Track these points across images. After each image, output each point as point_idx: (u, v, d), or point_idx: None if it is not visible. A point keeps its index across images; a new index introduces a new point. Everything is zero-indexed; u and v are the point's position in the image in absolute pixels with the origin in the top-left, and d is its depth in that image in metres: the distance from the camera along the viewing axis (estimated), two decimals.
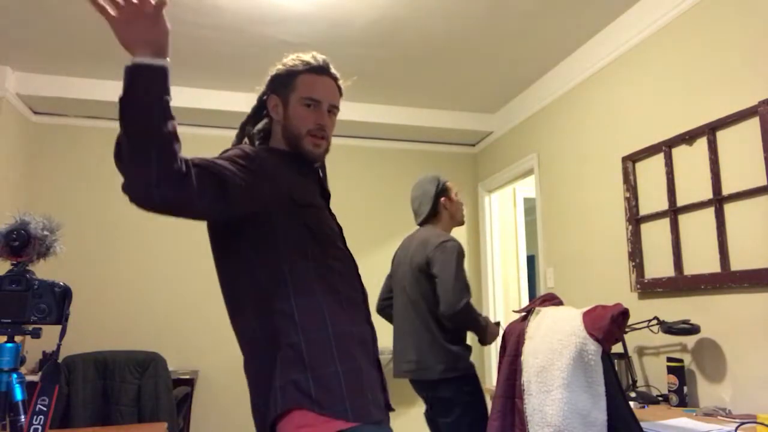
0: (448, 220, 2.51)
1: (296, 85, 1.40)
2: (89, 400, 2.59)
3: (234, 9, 2.91)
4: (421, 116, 4.32)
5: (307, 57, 1.44)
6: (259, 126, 1.49)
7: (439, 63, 3.54)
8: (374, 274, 4.32)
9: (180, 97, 3.87)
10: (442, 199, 2.50)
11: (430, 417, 2.42)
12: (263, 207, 1.21)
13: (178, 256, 4.05)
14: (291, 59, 1.44)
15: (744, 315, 2.22)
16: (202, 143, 4.24)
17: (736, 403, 2.22)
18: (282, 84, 1.41)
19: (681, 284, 2.50)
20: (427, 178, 2.54)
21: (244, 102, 3.98)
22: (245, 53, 3.39)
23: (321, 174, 1.47)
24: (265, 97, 1.45)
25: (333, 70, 1.48)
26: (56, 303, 1.36)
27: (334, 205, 4.39)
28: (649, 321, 2.56)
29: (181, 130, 4.50)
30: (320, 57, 1.45)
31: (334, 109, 1.46)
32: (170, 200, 1.00)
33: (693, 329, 2.34)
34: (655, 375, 2.67)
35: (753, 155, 2.22)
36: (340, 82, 1.51)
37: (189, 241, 4.08)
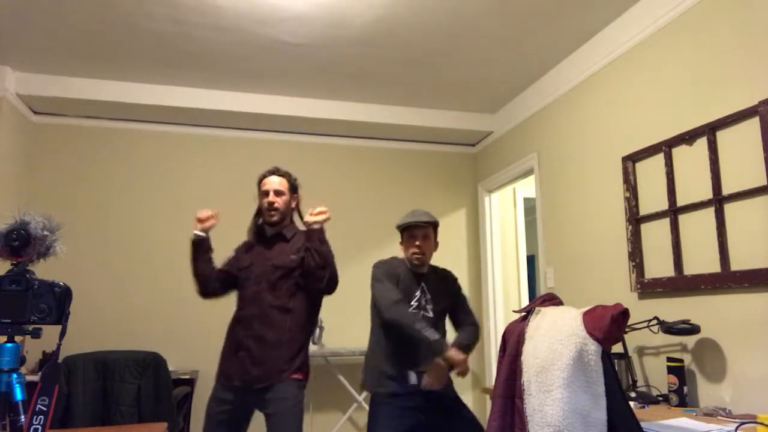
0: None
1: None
2: (89, 400, 2.58)
3: (234, 9, 2.91)
4: (421, 116, 4.32)
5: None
6: None
7: (439, 63, 3.54)
8: None
9: (180, 97, 3.87)
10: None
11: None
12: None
13: (179, 257, 4.05)
14: None
15: (744, 315, 2.22)
16: (201, 143, 4.24)
17: (736, 403, 2.22)
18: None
19: (681, 284, 2.50)
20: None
21: (243, 102, 3.98)
22: (245, 53, 3.39)
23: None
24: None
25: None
26: (56, 303, 1.36)
27: (335, 205, 4.40)
28: (649, 321, 2.56)
29: (181, 130, 4.54)
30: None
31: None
32: None
33: (693, 329, 2.34)
34: (655, 375, 2.67)
35: (753, 155, 2.22)
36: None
37: (188, 241, 4.08)
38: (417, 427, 2.32)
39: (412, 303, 2.42)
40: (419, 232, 2.48)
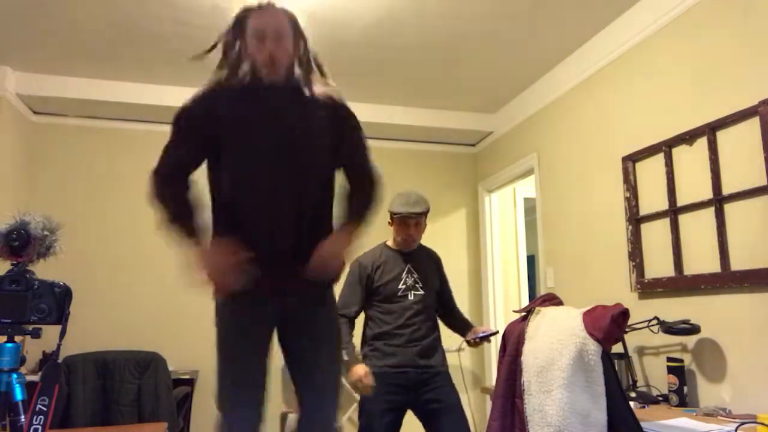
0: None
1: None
2: (89, 400, 2.58)
3: (235, 9, 2.90)
4: (421, 116, 4.32)
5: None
6: None
7: (439, 63, 3.54)
8: None
9: (180, 97, 3.87)
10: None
11: None
12: None
13: (179, 257, 4.05)
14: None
15: (744, 315, 2.22)
16: None
17: (736, 403, 2.22)
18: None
19: (681, 284, 2.50)
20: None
21: None
22: None
23: None
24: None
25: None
26: (56, 303, 1.36)
27: None
28: (649, 321, 2.56)
29: None
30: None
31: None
32: None
33: (693, 329, 2.34)
34: (655, 375, 2.67)
35: (753, 155, 2.22)
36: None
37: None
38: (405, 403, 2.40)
39: (400, 287, 2.48)
40: (412, 221, 2.52)
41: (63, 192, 3.95)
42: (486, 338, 2.48)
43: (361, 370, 2.31)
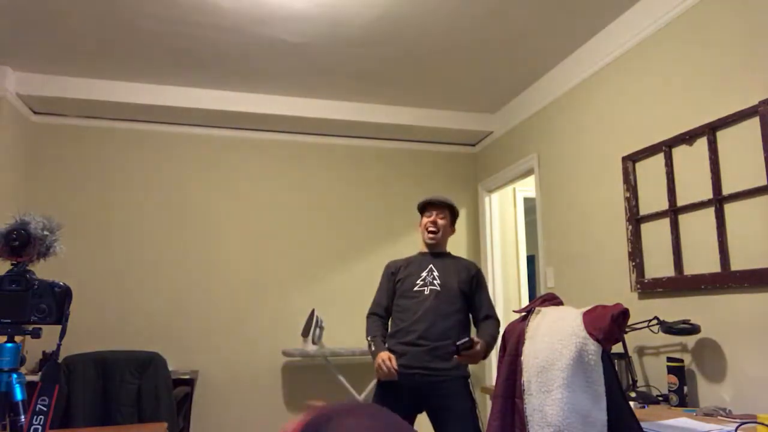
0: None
1: None
2: (89, 400, 2.58)
3: (234, 9, 2.91)
4: (421, 116, 4.32)
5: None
6: None
7: (439, 63, 3.54)
8: (374, 273, 4.33)
9: (180, 97, 3.87)
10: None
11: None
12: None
13: (179, 256, 4.05)
14: None
15: (744, 315, 2.22)
16: (201, 143, 4.24)
17: (736, 403, 2.22)
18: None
19: (681, 284, 2.50)
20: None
21: (244, 102, 3.98)
22: (245, 53, 3.39)
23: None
24: None
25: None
26: (56, 303, 1.36)
27: (335, 205, 4.40)
28: (649, 321, 2.56)
29: (181, 130, 4.53)
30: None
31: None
32: None
33: (693, 329, 2.34)
34: (655, 375, 2.67)
35: (753, 155, 2.22)
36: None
37: (188, 241, 4.09)
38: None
39: (417, 282, 2.50)
40: (434, 210, 2.59)
41: (63, 192, 3.95)
42: (461, 347, 2.21)
43: (384, 354, 2.35)
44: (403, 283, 2.51)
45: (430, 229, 2.57)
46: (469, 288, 2.52)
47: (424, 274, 2.52)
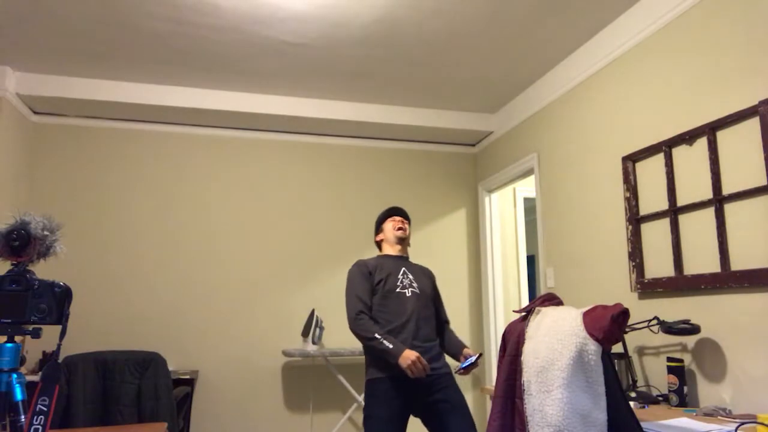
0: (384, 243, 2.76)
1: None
2: (89, 400, 2.58)
3: (234, 9, 2.91)
4: (421, 116, 4.32)
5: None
6: None
7: (439, 63, 3.54)
8: None
9: (180, 97, 3.87)
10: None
11: None
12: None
13: (179, 256, 4.05)
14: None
15: (744, 315, 2.22)
16: (201, 143, 4.24)
17: (736, 403, 2.22)
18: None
19: (681, 284, 2.50)
20: None
21: (243, 102, 3.98)
22: (245, 53, 3.39)
23: None
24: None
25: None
26: (56, 303, 1.36)
27: (334, 205, 4.40)
28: (649, 321, 2.56)
29: (181, 130, 4.53)
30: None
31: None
32: None
33: (693, 329, 2.34)
34: (655, 375, 2.67)
35: (753, 155, 2.22)
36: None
37: (188, 241, 4.09)
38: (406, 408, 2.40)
39: (398, 283, 2.54)
40: (398, 217, 2.72)
41: (63, 192, 3.95)
42: (471, 366, 2.37)
43: (412, 354, 2.28)
44: (386, 284, 2.52)
45: (399, 227, 2.67)
46: (435, 293, 2.68)
47: (400, 276, 2.57)
